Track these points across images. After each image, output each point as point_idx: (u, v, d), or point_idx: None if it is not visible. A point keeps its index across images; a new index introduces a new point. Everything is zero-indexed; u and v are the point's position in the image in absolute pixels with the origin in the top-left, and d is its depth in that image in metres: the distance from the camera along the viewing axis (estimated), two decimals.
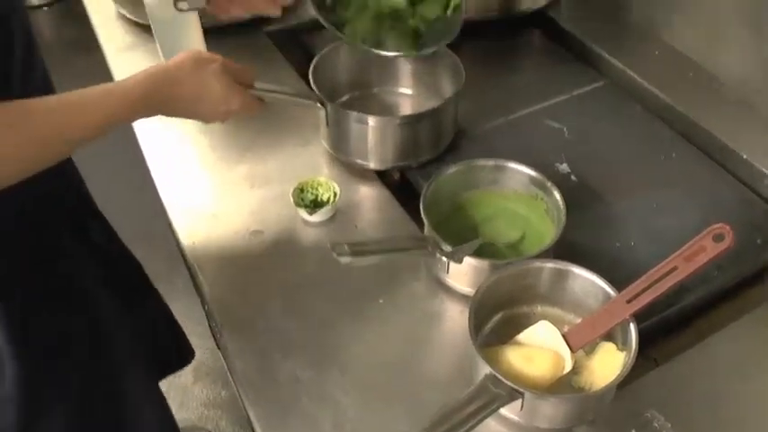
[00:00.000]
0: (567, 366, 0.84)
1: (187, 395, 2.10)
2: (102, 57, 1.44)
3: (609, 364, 0.83)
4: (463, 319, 0.85)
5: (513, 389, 0.76)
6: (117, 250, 1.22)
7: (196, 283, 1.02)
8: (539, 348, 0.85)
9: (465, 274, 0.95)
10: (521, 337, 0.87)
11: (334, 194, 1.08)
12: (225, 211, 1.10)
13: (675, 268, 0.81)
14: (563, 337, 0.85)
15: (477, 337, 0.82)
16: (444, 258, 0.94)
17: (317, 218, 1.07)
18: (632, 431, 0.82)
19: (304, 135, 1.22)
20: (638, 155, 1.21)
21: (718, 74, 1.32)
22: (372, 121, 1.11)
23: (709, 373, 0.90)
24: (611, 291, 0.85)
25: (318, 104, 1.12)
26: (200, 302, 1.02)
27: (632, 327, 0.81)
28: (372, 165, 1.15)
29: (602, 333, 0.84)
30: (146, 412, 1.25)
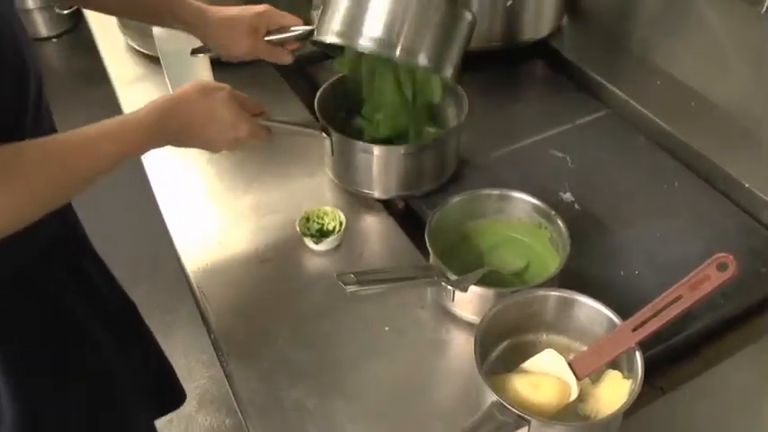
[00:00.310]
0: (573, 394, 0.84)
1: (191, 423, 2.09)
2: (111, 88, 1.46)
3: (615, 392, 0.82)
4: (469, 347, 0.85)
5: (519, 416, 0.76)
6: (113, 291, 1.22)
7: (202, 312, 1.03)
8: (545, 376, 0.85)
9: (470, 302, 0.95)
10: (527, 364, 0.87)
11: (340, 224, 1.09)
12: (231, 240, 1.11)
13: (680, 297, 0.81)
14: (569, 365, 0.85)
15: (483, 365, 0.82)
16: (450, 287, 0.94)
17: (322, 247, 1.08)
18: None
19: (310, 165, 1.23)
20: (641, 184, 1.22)
21: (719, 103, 1.34)
22: (377, 151, 1.13)
23: (716, 402, 0.90)
24: (616, 319, 0.85)
25: (323, 134, 1.13)
26: (206, 331, 1.02)
27: (638, 355, 0.81)
28: (377, 194, 1.16)
29: (608, 361, 0.84)
30: None
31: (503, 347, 0.92)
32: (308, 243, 1.08)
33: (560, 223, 1.00)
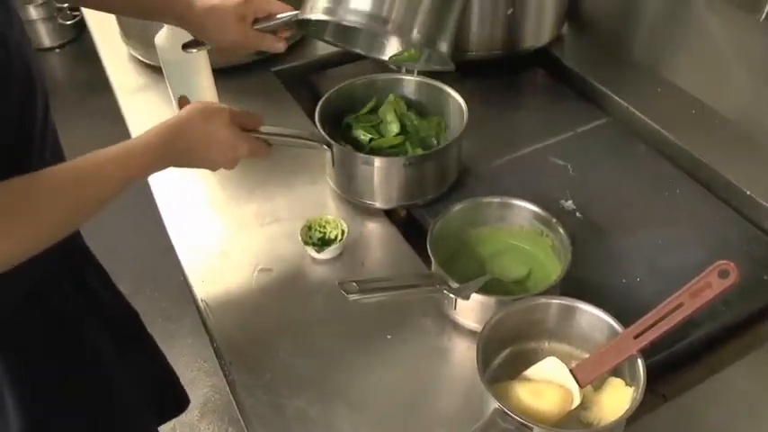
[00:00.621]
0: (576, 401, 0.84)
1: None
2: (114, 98, 1.47)
3: (617, 399, 0.83)
4: (471, 355, 0.85)
5: (521, 423, 0.76)
6: (115, 300, 1.22)
7: (204, 321, 1.03)
8: (547, 383, 0.85)
9: (472, 310, 0.96)
10: (529, 372, 0.87)
11: (342, 232, 1.09)
12: (233, 249, 1.12)
13: (682, 304, 0.82)
14: (571, 372, 0.85)
15: (485, 373, 0.83)
16: (451, 295, 0.94)
17: (324, 255, 1.08)
18: None
19: (312, 173, 1.24)
20: (642, 192, 1.23)
21: (720, 111, 1.34)
22: (378, 162, 1.13)
23: (719, 409, 0.90)
24: (618, 326, 0.85)
25: (324, 146, 1.14)
26: (209, 340, 1.03)
27: (640, 362, 0.81)
28: (378, 204, 1.16)
29: (610, 368, 0.84)
30: None
31: (505, 355, 0.92)
32: (310, 252, 1.08)
33: (562, 231, 1.00)
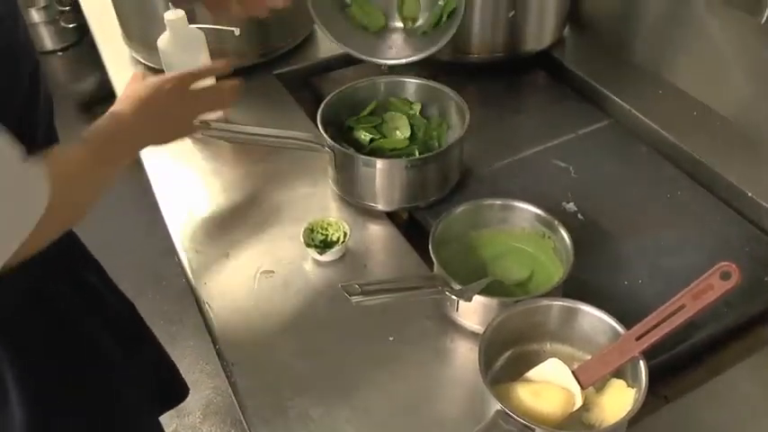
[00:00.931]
0: (578, 403, 0.84)
1: None
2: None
3: (619, 400, 0.83)
4: (473, 357, 0.85)
5: (523, 425, 0.76)
6: (111, 294, 1.23)
7: (207, 323, 1.03)
8: (549, 385, 0.85)
9: (474, 312, 0.96)
10: (531, 374, 0.87)
11: (344, 234, 1.10)
12: (236, 251, 1.12)
13: (683, 306, 0.82)
14: (573, 374, 0.85)
15: (487, 374, 0.83)
16: (454, 297, 0.95)
17: (327, 258, 1.08)
18: None
19: (314, 176, 1.24)
20: (643, 193, 1.23)
21: (722, 113, 1.34)
22: (380, 164, 1.13)
23: (720, 411, 0.90)
24: (620, 328, 0.85)
25: (326, 148, 1.14)
26: (211, 341, 1.03)
27: (642, 364, 0.81)
28: (380, 206, 1.17)
29: (612, 370, 0.84)
30: None
31: (507, 357, 0.92)
32: (312, 254, 1.09)
33: (563, 233, 1.01)
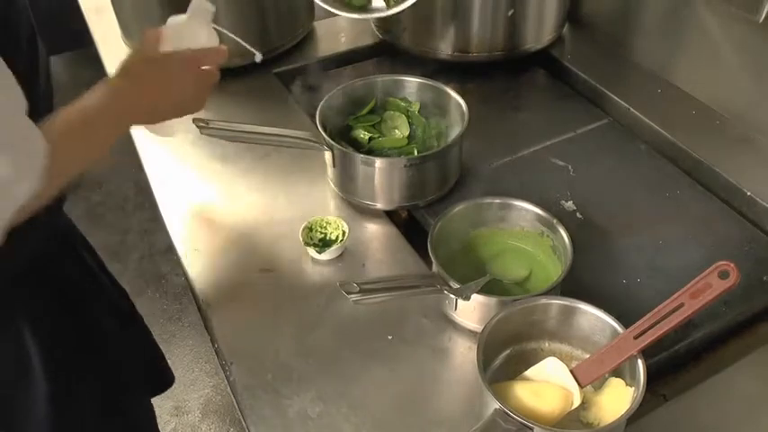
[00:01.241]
0: (576, 402, 0.84)
1: None
2: None
3: (617, 399, 0.83)
4: (471, 356, 0.85)
5: (522, 424, 0.76)
6: (104, 272, 1.25)
7: (205, 321, 1.03)
8: (547, 384, 0.85)
9: (473, 310, 0.96)
10: (529, 372, 0.87)
11: (343, 233, 1.10)
12: (234, 250, 1.12)
13: (682, 305, 0.82)
14: (571, 372, 0.85)
15: (485, 373, 0.83)
16: (452, 295, 0.95)
17: (325, 256, 1.08)
18: None
19: (312, 175, 1.24)
20: (642, 192, 1.23)
21: (720, 111, 1.34)
22: (379, 163, 1.13)
23: (718, 409, 0.90)
24: (618, 327, 0.85)
25: (325, 147, 1.14)
26: (210, 340, 1.03)
27: (640, 362, 0.81)
28: (380, 205, 1.17)
29: (610, 369, 0.84)
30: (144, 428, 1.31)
31: (505, 355, 0.92)
32: (311, 253, 1.09)
33: (562, 232, 1.01)
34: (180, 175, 1.26)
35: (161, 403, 2.06)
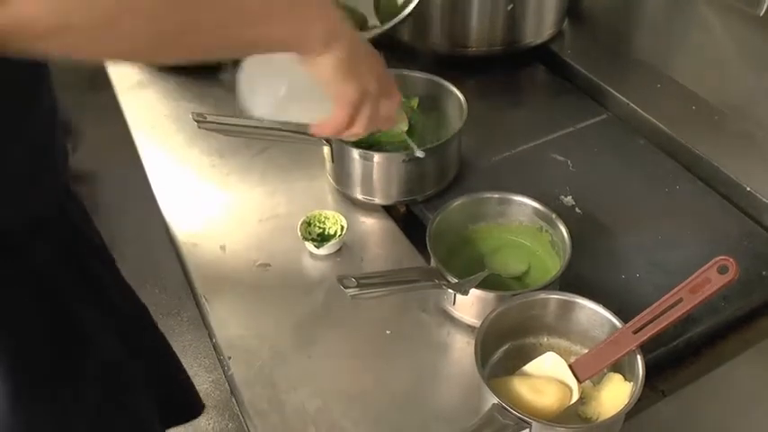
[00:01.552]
0: (575, 397, 0.84)
1: (193, 427, 2.09)
2: (114, 94, 1.47)
3: (616, 394, 0.83)
4: (470, 350, 0.85)
5: (520, 418, 0.76)
6: (118, 290, 1.21)
7: (203, 316, 1.03)
8: (546, 379, 0.85)
9: (471, 305, 0.96)
10: (527, 367, 0.87)
11: (342, 228, 1.09)
12: (233, 244, 1.12)
13: (681, 300, 0.81)
14: (570, 367, 0.85)
15: (483, 368, 0.83)
16: (450, 290, 0.94)
17: (324, 251, 1.08)
18: None
19: (311, 169, 1.24)
20: (642, 187, 1.22)
21: (720, 106, 1.34)
22: (377, 158, 1.13)
23: (718, 405, 0.90)
24: (617, 322, 0.85)
25: (323, 141, 1.14)
26: (208, 335, 1.03)
27: (639, 357, 0.81)
28: (378, 200, 1.16)
29: (609, 364, 0.84)
30: None
31: (503, 350, 0.92)
32: (310, 247, 1.08)
33: (561, 227, 1.00)
34: (178, 170, 1.26)
35: None
